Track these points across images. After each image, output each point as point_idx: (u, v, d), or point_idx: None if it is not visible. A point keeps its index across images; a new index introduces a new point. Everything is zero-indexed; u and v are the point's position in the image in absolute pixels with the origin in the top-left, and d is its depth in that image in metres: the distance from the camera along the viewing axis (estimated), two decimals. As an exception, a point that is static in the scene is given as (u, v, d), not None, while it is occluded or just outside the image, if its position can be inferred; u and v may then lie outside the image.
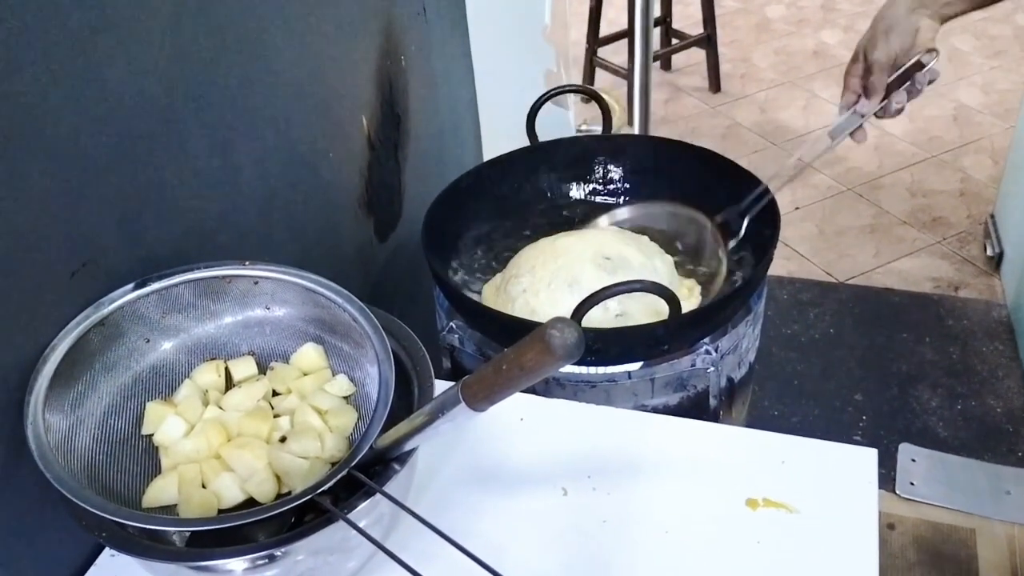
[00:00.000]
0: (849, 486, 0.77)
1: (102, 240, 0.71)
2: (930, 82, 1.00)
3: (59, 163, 0.66)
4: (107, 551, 0.75)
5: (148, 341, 0.73)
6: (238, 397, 0.72)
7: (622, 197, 1.28)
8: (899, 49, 0.99)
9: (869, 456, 0.79)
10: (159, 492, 0.66)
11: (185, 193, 0.81)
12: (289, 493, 0.66)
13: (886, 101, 1.02)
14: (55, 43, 0.64)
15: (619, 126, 1.52)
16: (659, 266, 1.08)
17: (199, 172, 0.83)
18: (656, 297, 0.93)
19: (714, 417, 1.07)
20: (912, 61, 0.99)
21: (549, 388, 1.04)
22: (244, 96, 0.88)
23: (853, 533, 0.73)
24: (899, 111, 1.02)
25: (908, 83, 1.00)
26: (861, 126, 1.04)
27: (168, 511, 0.66)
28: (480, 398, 0.54)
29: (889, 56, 0.99)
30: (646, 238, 1.16)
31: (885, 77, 1.00)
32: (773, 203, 1.09)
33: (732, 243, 1.11)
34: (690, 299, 1.09)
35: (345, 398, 0.73)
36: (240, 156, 0.89)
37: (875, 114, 1.04)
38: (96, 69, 0.68)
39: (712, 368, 1.02)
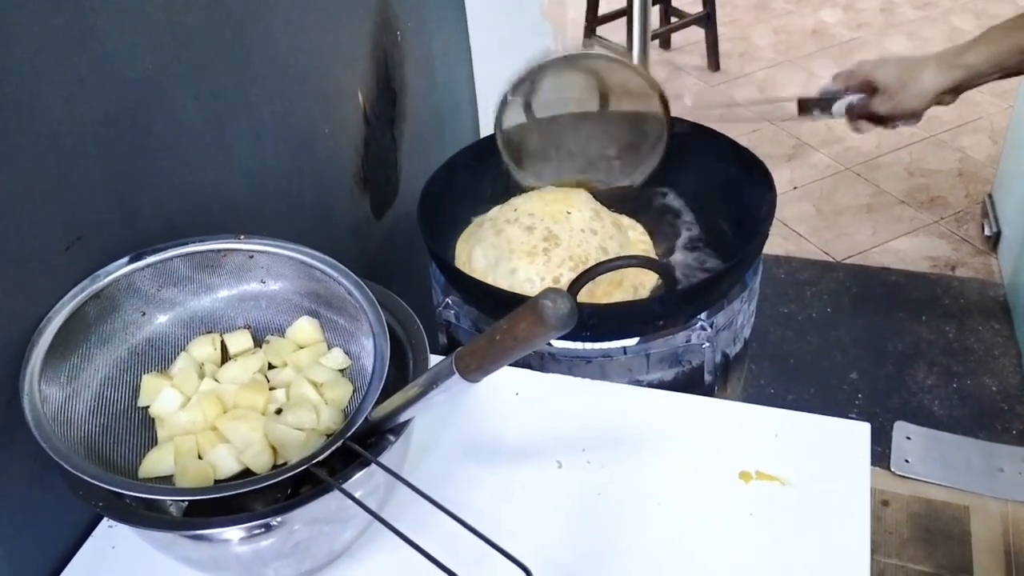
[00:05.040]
0: (842, 460, 0.77)
1: (96, 214, 0.71)
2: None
3: (52, 137, 0.66)
4: (104, 522, 0.75)
5: (144, 314, 0.73)
6: (234, 370, 0.73)
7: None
8: (904, 109, 1.00)
9: (862, 430, 0.79)
10: (155, 463, 0.66)
11: (179, 167, 0.81)
12: (285, 464, 0.66)
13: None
14: (47, 16, 0.63)
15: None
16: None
17: (193, 146, 0.83)
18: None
19: (709, 393, 1.08)
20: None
21: (544, 363, 1.04)
22: (239, 70, 0.88)
23: (846, 506, 0.73)
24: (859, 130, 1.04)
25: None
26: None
27: (164, 482, 0.66)
28: (474, 368, 0.55)
29: (890, 108, 1.01)
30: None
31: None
32: (769, 178, 1.09)
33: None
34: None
35: (341, 371, 0.73)
36: (234, 131, 0.89)
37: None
38: (88, 42, 0.68)
39: (707, 344, 1.02)
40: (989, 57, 0.94)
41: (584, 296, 1.00)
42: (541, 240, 1.02)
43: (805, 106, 1.04)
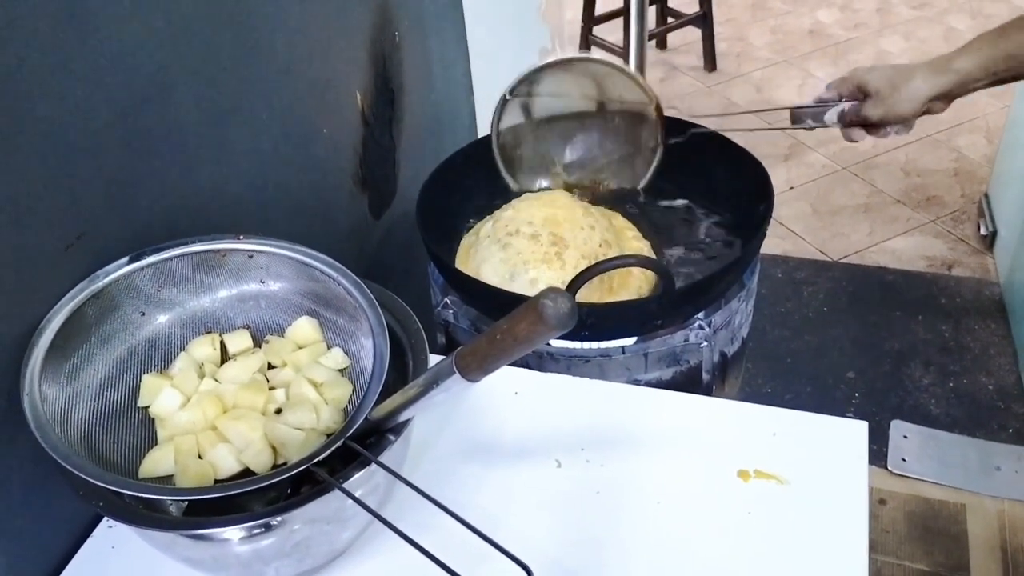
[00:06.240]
0: (840, 458, 0.78)
1: (96, 213, 0.71)
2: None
3: (52, 136, 0.66)
4: (104, 522, 0.75)
5: (143, 314, 0.73)
6: (234, 370, 0.73)
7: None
8: (896, 113, 1.00)
9: (860, 429, 0.80)
10: (155, 463, 0.66)
11: (179, 167, 0.81)
12: (285, 464, 0.66)
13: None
14: (47, 16, 0.63)
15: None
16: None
17: (193, 146, 0.83)
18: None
19: (707, 392, 1.08)
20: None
21: (543, 363, 1.04)
22: (238, 70, 0.88)
23: (844, 505, 0.74)
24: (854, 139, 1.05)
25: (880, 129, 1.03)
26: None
27: (165, 482, 0.66)
28: (474, 368, 0.55)
29: (882, 113, 1.00)
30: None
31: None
32: (766, 178, 1.09)
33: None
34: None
35: (340, 371, 0.74)
36: (234, 131, 0.89)
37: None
38: (89, 43, 0.68)
39: (705, 343, 1.03)
40: (979, 63, 0.95)
41: (602, 289, 1.01)
42: (550, 245, 1.03)
43: (798, 116, 1.06)
